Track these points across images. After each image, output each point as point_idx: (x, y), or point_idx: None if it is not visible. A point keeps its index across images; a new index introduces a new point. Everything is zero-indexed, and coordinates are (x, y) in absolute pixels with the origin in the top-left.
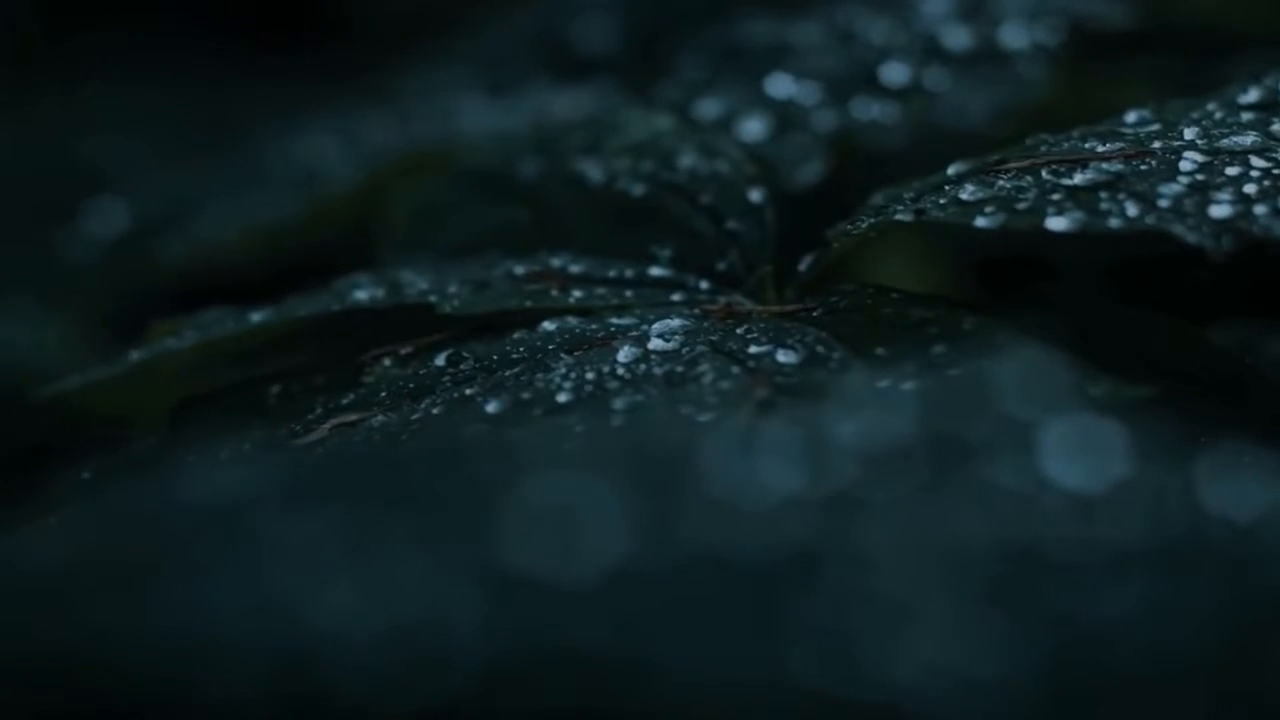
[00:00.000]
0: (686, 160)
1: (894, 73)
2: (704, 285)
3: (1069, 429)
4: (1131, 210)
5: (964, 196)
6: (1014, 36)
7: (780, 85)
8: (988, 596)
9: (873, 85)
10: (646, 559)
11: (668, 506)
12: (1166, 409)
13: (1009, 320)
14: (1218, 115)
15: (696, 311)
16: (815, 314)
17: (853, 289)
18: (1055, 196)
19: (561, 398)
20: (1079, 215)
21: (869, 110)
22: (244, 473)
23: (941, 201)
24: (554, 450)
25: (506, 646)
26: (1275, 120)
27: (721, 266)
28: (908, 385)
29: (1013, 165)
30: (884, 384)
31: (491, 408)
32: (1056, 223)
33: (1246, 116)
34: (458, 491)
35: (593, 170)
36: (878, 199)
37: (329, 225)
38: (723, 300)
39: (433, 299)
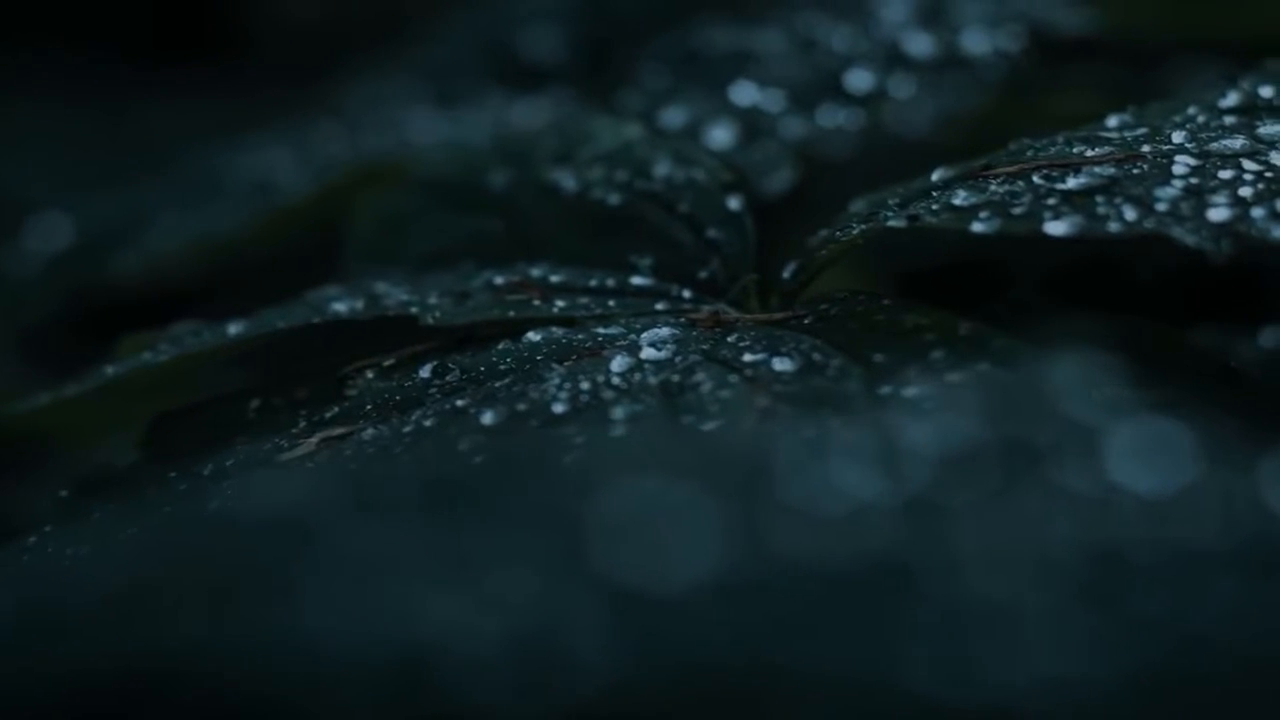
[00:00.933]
0: (661, 169)
1: (858, 79)
2: (686, 294)
3: (1134, 432)
4: (1129, 214)
5: (956, 202)
6: (976, 42)
7: (745, 93)
8: (1082, 601)
9: (838, 92)
10: (745, 568)
11: (756, 514)
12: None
13: (1001, 327)
14: (1200, 119)
15: (682, 320)
16: (806, 322)
17: (843, 296)
18: (1051, 201)
19: (558, 408)
20: (1077, 219)
21: (835, 117)
22: (311, 484)
23: (934, 207)
24: (632, 458)
25: (628, 657)
26: (1259, 123)
27: (703, 275)
28: (967, 389)
29: (1002, 170)
30: (943, 389)
31: (487, 419)
32: (1055, 227)
33: (1229, 120)
34: (546, 500)
35: (565, 179)
36: (859, 205)
37: (283, 237)
38: (706, 309)
39: (414, 310)
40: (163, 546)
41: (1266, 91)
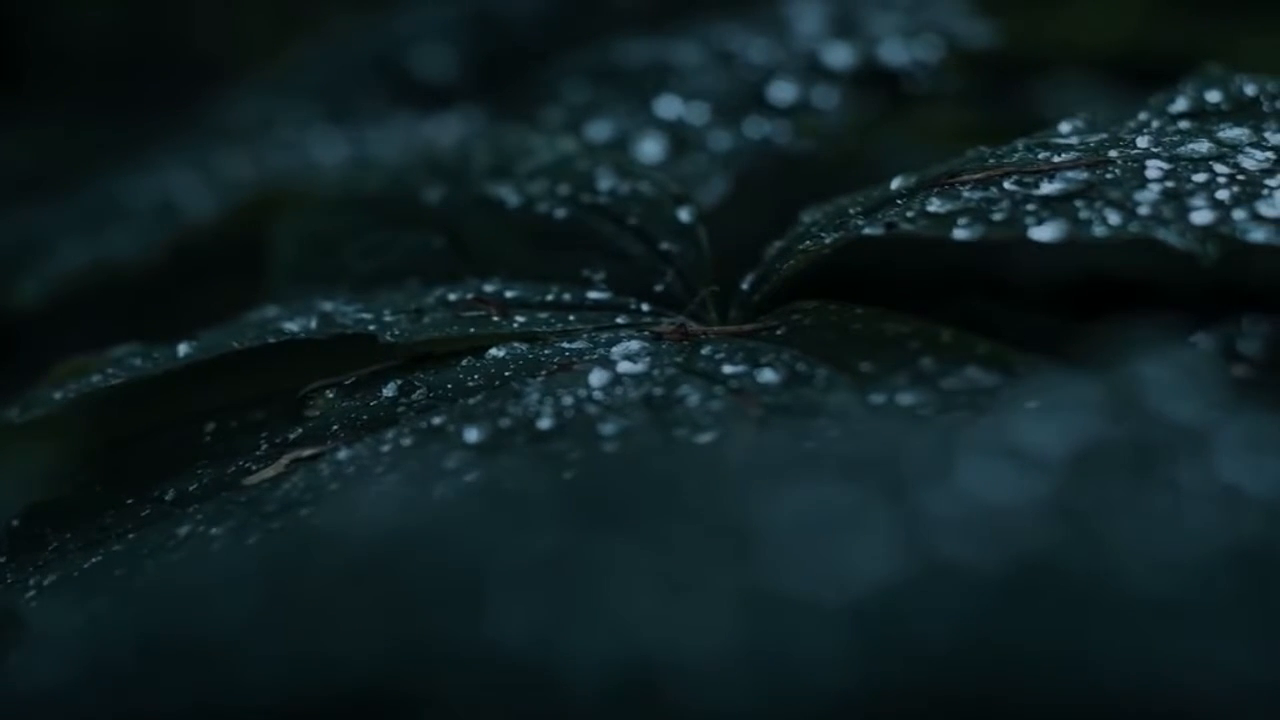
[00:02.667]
0: (605, 182)
1: (781, 91)
2: (645, 307)
3: (1243, 431)
4: (1113, 218)
5: (931, 209)
6: (894, 54)
7: (669, 106)
8: (1241, 599)
9: (761, 104)
10: (919, 570)
11: (919, 516)
12: None
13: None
14: (1155, 124)
15: (646, 334)
16: (779, 333)
17: (812, 306)
18: (1030, 206)
19: (543, 424)
20: (1062, 224)
21: (762, 129)
22: (448, 499)
23: (909, 214)
24: (780, 463)
25: (858, 664)
26: (1217, 128)
27: (659, 288)
28: (1070, 390)
29: (969, 177)
30: (1050, 390)
31: (471, 437)
32: (1040, 232)
33: (1184, 124)
34: (710, 507)
35: (508, 194)
36: (813, 215)
37: (191, 259)
38: (667, 322)
39: (371, 328)
40: (297, 563)
41: (1213, 96)
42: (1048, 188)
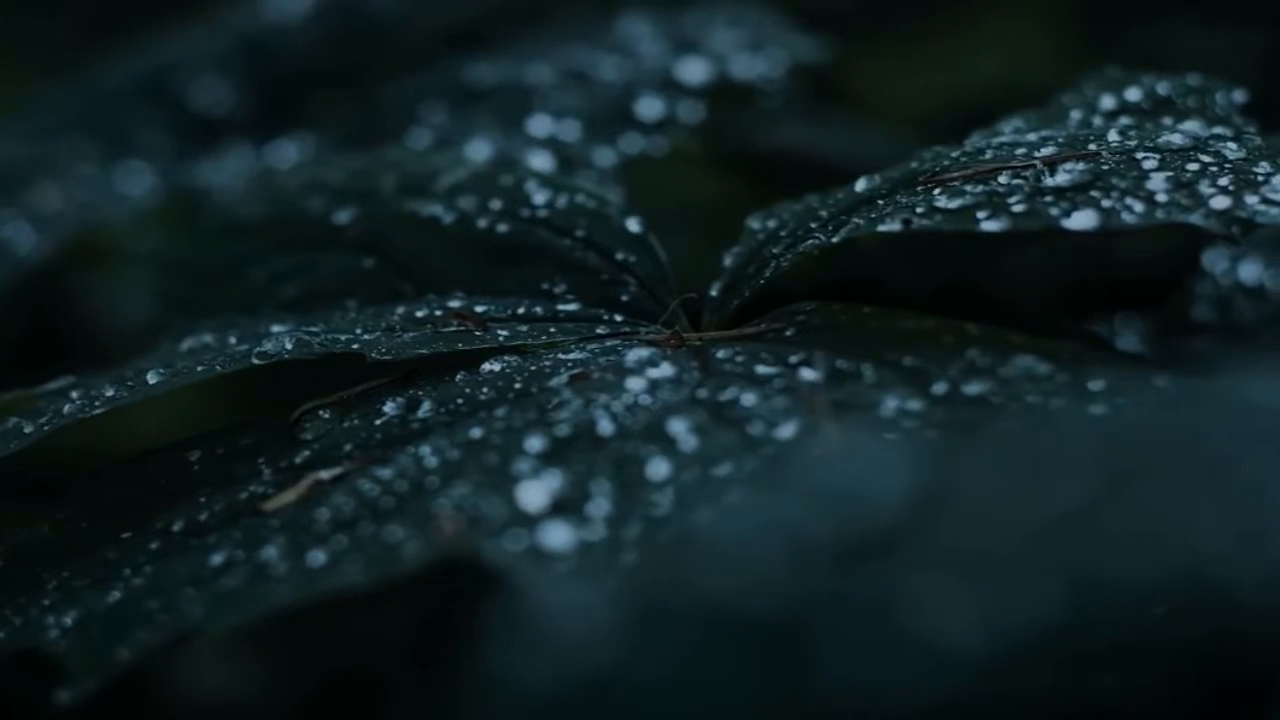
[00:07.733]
0: (540, 195)
1: (648, 107)
2: (619, 318)
3: None
4: (1138, 206)
5: (940, 204)
6: (743, 69)
7: (541, 125)
8: None
9: (630, 120)
10: None
11: None
12: None
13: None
14: (1096, 122)
15: (636, 342)
16: (788, 334)
17: (813, 307)
18: (1047, 198)
19: (604, 429)
20: (1093, 213)
21: (638, 144)
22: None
23: (919, 210)
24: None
25: None
26: (1175, 121)
27: (624, 298)
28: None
29: (955, 174)
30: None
31: (534, 446)
32: (1077, 220)
33: (1124, 120)
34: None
35: (440, 211)
36: (764, 222)
37: (27, 300)
38: (647, 330)
39: (356, 347)
40: None
41: (1133, 95)
42: (1053, 180)
